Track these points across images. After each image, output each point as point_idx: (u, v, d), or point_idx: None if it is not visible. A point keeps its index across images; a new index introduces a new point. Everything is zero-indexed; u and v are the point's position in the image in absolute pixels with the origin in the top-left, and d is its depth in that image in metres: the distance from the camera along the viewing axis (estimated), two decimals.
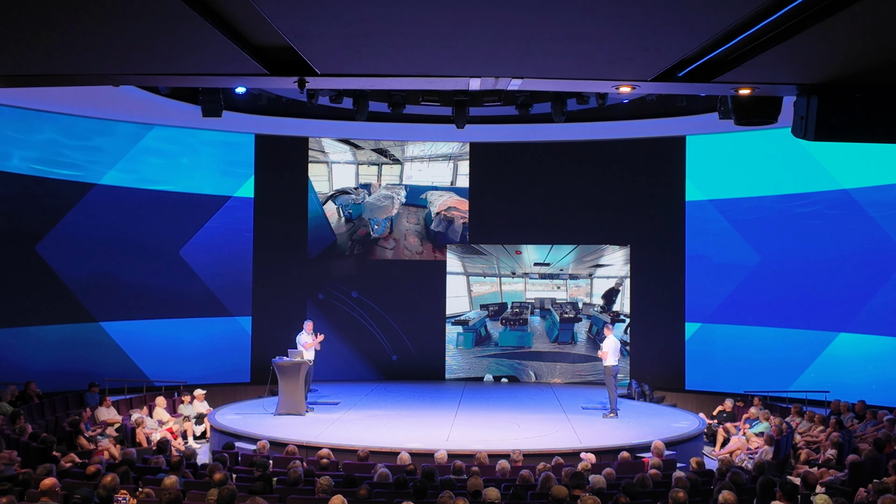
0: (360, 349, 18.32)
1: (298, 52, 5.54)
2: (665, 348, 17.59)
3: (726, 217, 17.12)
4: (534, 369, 18.48)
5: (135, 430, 12.68)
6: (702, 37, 5.08)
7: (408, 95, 14.22)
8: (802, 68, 5.90)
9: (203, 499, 6.83)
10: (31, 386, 13.77)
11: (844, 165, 15.34)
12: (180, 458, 8.66)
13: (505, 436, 12.35)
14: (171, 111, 15.35)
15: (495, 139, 18.01)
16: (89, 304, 15.92)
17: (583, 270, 18.56)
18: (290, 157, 18.26)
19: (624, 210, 18.05)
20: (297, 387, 13.69)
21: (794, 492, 6.67)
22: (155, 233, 16.74)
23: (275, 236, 18.01)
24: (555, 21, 4.73)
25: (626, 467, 9.55)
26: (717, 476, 8.72)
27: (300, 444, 11.04)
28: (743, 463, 11.72)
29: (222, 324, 17.51)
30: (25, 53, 5.71)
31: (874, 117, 6.18)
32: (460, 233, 18.72)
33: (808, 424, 13.29)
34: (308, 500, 7.24)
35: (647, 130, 17.09)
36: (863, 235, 15.20)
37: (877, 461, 9.69)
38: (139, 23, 4.89)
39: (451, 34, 5.12)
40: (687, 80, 6.22)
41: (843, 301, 15.46)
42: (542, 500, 6.88)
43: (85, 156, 15.80)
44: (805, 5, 4.51)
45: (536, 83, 7.57)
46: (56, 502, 6.45)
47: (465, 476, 8.41)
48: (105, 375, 15.11)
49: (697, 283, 17.45)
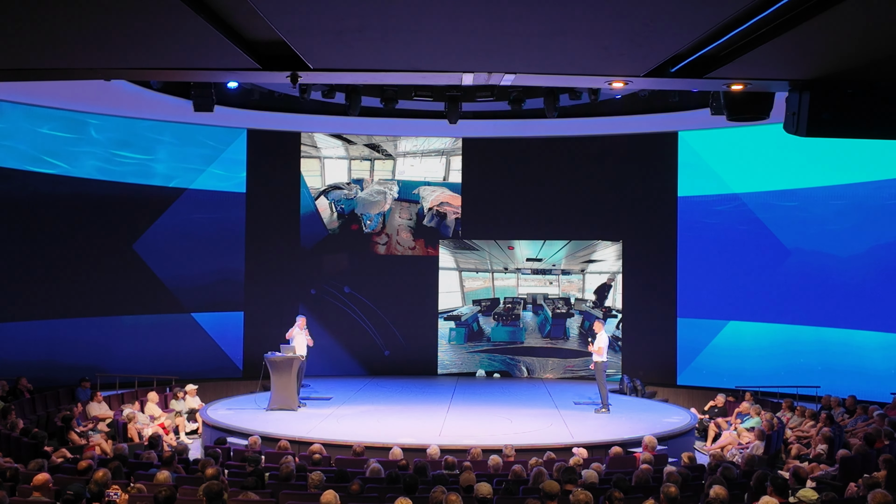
0: (352, 344, 18.32)
1: (291, 46, 5.53)
2: (657, 343, 17.63)
3: (718, 213, 17.16)
4: (526, 364, 18.51)
5: (126, 425, 12.65)
6: (694, 32, 5.09)
7: (400, 90, 14.21)
8: (794, 64, 5.91)
9: (195, 494, 6.82)
10: (22, 381, 13.73)
11: (837, 161, 15.38)
12: (172, 454, 8.64)
13: (497, 431, 12.38)
14: (163, 105, 15.31)
15: (488, 134, 18.01)
16: (84, 299, 15.87)
17: (575, 266, 18.58)
18: (282, 152, 18.22)
19: (616, 206, 18.08)
20: (289, 382, 13.68)
21: (784, 486, 6.70)
22: (145, 227, 16.69)
23: (267, 231, 17.98)
24: (547, 16, 4.73)
25: (618, 462, 9.57)
26: (708, 471, 8.75)
27: (292, 440, 11.05)
28: (734, 458, 11.76)
29: (214, 319, 17.48)
30: (17, 47, 5.68)
31: (865, 113, 6.20)
32: (453, 228, 18.72)
33: (799, 419, 13.35)
34: (300, 496, 7.24)
35: (640, 126, 17.13)
36: (855, 230, 15.26)
37: (867, 456, 9.73)
38: (131, 17, 4.87)
39: (444, 30, 5.11)
40: (679, 76, 6.23)
41: (834, 296, 15.52)
42: (534, 494, 6.89)
43: (72, 149, 15.76)
44: (797, 2, 4.52)
45: (529, 78, 7.58)
46: (48, 498, 6.44)
47: (457, 471, 8.41)
48: (97, 370, 15.08)
49: (689, 279, 17.50)
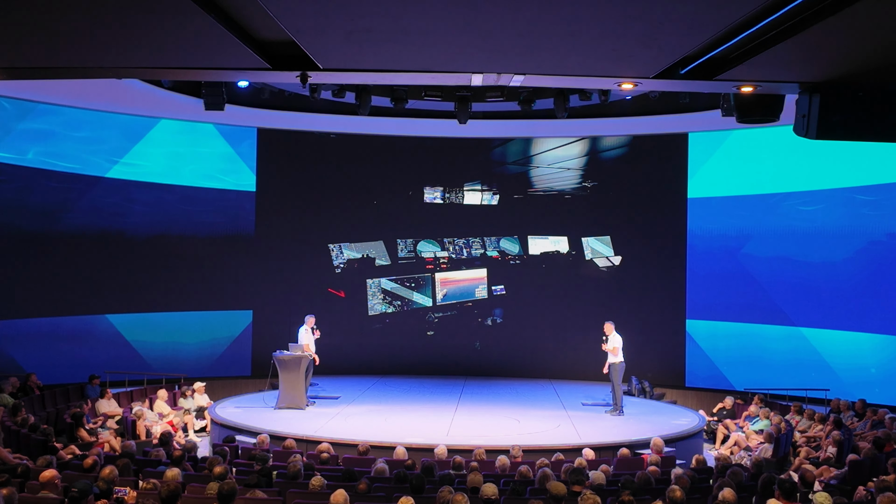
0: (361, 343, 18.33)
1: (301, 46, 5.54)
2: (666, 345, 17.59)
3: (728, 214, 17.11)
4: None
5: (135, 422, 12.70)
6: (704, 34, 5.08)
7: (410, 90, 14.21)
8: (804, 67, 5.89)
9: (203, 492, 6.85)
10: (32, 378, 13.80)
11: (846, 164, 15.32)
12: (182, 452, 8.67)
13: (505, 431, 12.38)
14: (174, 104, 15.37)
15: (497, 134, 18.02)
16: (91, 296, 15.95)
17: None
18: (292, 151, 18.26)
19: (625, 206, 18.05)
20: (297, 381, 13.70)
21: (792, 489, 6.68)
22: (155, 226, 16.77)
23: (276, 230, 18.02)
24: (557, 18, 4.72)
25: (626, 464, 9.56)
26: (716, 473, 8.73)
27: (300, 439, 11.08)
28: (742, 460, 11.73)
29: (223, 317, 17.54)
30: (29, 46, 5.72)
31: (876, 116, 6.17)
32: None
33: (808, 422, 13.30)
34: (307, 494, 7.25)
35: (650, 127, 17.10)
36: (865, 233, 15.20)
37: (876, 459, 9.70)
38: (142, 16, 4.90)
39: (454, 30, 5.11)
40: (689, 78, 6.21)
41: (845, 299, 15.46)
42: (541, 496, 6.89)
43: (84, 147, 15.83)
44: (807, 4, 4.50)
45: (539, 80, 7.56)
46: (56, 494, 6.47)
47: (464, 471, 8.41)
48: (106, 368, 15.14)
49: (699, 280, 17.45)
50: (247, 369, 17.55)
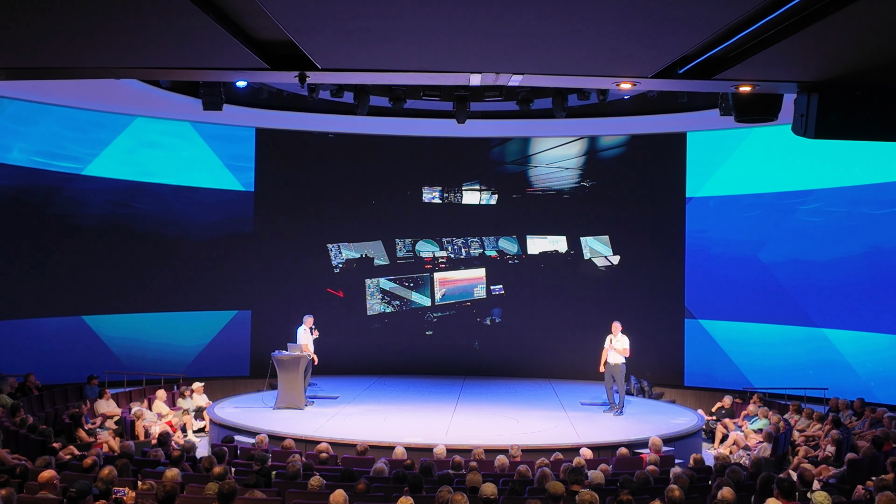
0: (360, 343, 18.33)
1: (299, 46, 5.53)
2: (664, 344, 17.60)
3: (727, 214, 17.12)
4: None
5: (134, 422, 12.70)
6: (703, 34, 5.08)
7: (409, 90, 14.21)
8: (803, 66, 5.89)
9: (202, 492, 6.84)
10: (31, 378, 13.79)
11: (845, 163, 15.33)
12: (181, 453, 8.66)
13: (504, 431, 12.38)
14: (173, 104, 15.35)
15: (496, 134, 18.01)
16: (92, 296, 15.94)
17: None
18: (290, 151, 18.25)
19: (624, 206, 18.06)
20: (296, 381, 13.70)
21: (791, 489, 6.68)
22: (154, 226, 16.76)
23: (275, 230, 18.01)
24: (555, 17, 4.72)
25: (624, 463, 9.56)
26: (715, 472, 8.73)
27: (299, 439, 11.07)
28: (741, 459, 11.73)
29: (222, 317, 17.53)
30: (27, 46, 5.71)
31: (874, 115, 6.17)
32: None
33: (807, 422, 13.31)
34: (306, 494, 7.25)
35: (648, 126, 17.10)
36: (863, 232, 15.21)
37: (875, 458, 9.71)
38: (140, 16, 4.89)
39: (452, 30, 5.11)
40: (688, 77, 6.21)
41: (844, 298, 15.47)
42: (540, 495, 6.89)
43: (83, 148, 15.82)
44: (806, 3, 4.50)
45: (537, 79, 7.55)
46: (55, 495, 6.47)
47: (463, 471, 8.41)
48: (105, 368, 15.13)
49: (697, 280, 17.46)
50: (245, 369, 17.55)
